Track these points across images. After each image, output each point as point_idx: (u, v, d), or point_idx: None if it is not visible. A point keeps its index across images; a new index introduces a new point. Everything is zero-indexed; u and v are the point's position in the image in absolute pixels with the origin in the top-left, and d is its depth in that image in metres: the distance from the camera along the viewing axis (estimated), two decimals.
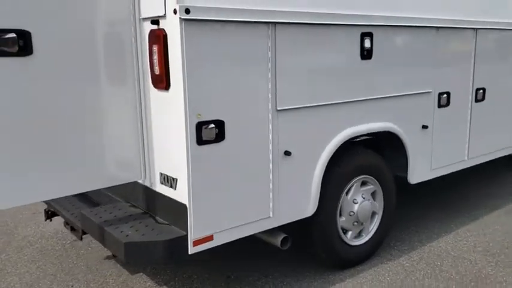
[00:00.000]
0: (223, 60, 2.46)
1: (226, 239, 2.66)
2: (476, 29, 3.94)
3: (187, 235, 2.49)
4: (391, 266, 3.48)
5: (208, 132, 2.45)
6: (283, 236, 2.95)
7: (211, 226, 2.57)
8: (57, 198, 3.20)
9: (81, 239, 3.21)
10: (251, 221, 2.74)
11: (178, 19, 2.27)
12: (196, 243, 2.52)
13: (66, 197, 3.26)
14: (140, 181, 2.80)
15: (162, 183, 2.65)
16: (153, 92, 2.56)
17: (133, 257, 2.46)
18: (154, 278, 3.37)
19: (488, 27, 4.03)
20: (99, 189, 2.78)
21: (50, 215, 3.50)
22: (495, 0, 4.15)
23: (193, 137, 2.41)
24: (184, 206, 2.47)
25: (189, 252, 2.51)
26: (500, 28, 4.17)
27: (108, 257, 3.71)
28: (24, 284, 3.36)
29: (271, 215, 2.82)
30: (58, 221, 4.40)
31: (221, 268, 3.47)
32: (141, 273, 3.44)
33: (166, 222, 2.65)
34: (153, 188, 2.73)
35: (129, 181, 2.73)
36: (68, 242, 4.04)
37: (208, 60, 2.40)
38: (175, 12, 2.28)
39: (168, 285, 3.28)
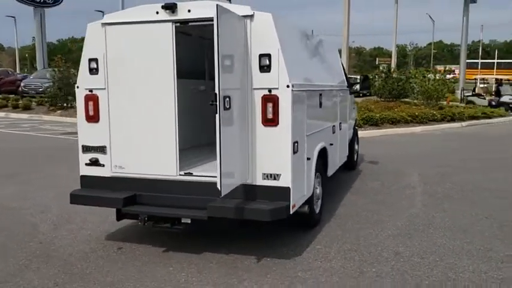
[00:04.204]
0: (300, 107, 4.81)
1: (298, 206, 4.89)
2: (338, 90, 7.13)
3: (289, 204, 4.64)
4: (332, 221, 6.15)
5: (296, 147, 4.71)
6: (307, 205, 5.31)
7: (295, 199, 4.79)
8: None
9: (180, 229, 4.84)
10: (302, 196, 5.05)
11: (290, 90, 4.52)
12: (292, 207, 4.69)
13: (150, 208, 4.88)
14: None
15: (264, 179, 4.69)
16: (260, 127, 4.65)
17: (273, 217, 4.49)
18: (213, 246, 5.15)
19: (339, 89, 7.30)
20: None
21: (145, 220, 4.89)
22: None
23: (291, 150, 4.64)
24: (288, 188, 4.63)
25: (290, 213, 4.66)
26: (337, 89, 7.52)
27: (168, 249, 5.21)
28: (148, 264, 4.66)
29: (305, 193, 5.17)
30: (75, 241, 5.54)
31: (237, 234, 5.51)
32: (204, 252, 5.15)
33: (267, 201, 4.69)
34: (255, 183, 4.73)
35: (245, 182, 4.67)
36: (113, 251, 5.25)
37: (297, 108, 4.71)
38: (288, 86, 4.52)
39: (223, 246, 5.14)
